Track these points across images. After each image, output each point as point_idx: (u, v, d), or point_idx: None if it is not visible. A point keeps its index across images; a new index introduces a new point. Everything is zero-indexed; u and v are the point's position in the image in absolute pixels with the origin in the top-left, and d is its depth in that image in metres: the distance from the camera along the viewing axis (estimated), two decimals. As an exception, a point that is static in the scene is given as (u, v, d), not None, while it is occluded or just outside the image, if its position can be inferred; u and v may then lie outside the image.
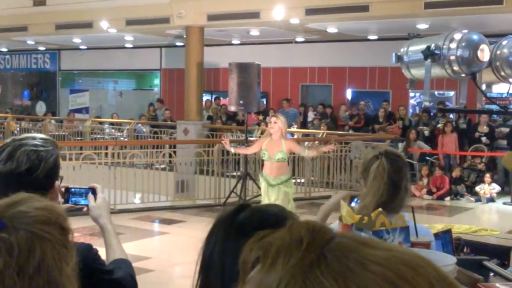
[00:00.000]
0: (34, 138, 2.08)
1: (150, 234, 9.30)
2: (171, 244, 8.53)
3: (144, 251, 7.69)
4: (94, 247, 2.07)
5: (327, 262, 0.67)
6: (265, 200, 7.73)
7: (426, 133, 13.80)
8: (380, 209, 2.21)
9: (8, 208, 1.23)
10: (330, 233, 0.72)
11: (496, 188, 11.74)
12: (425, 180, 12.19)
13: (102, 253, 2.15)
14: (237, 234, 1.33)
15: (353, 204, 2.84)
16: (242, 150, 9.13)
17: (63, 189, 2.23)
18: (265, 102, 17.72)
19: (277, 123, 7.63)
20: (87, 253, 2.00)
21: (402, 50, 3.06)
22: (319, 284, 0.65)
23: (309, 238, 0.70)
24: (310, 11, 12.54)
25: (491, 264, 2.83)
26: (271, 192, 7.74)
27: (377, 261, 0.66)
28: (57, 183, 2.12)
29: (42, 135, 2.15)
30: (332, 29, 14.48)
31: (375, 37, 15.93)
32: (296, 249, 0.69)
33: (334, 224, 2.56)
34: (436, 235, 2.85)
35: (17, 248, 1.17)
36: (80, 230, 7.98)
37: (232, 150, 8.85)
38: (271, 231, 0.75)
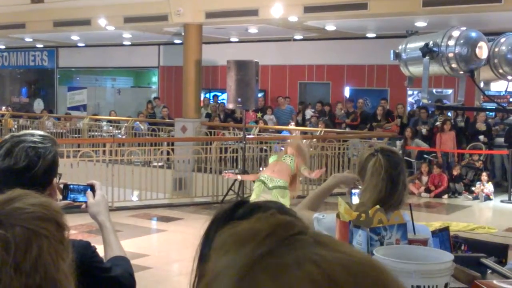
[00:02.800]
0: (32, 135, 2.08)
1: (148, 231, 9.30)
2: (169, 241, 8.52)
3: (142, 249, 7.68)
4: (92, 244, 2.07)
5: (273, 257, 0.66)
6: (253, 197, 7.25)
7: (424, 131, 13.80)
8: (377, 206, 2.21)
9: (4, 204, 1.23)
10: (296, 229, 0.71)
11: (489, 188, 11.69)
12: (425, 178, 12.17)
13: (100, 250, 2.14)
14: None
15: (353, 198, 2.83)
16: (251, 177, 8.58)
17: (61, 186, 2.23)
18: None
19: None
20: (85, 251, 1.99)
21: (400, 47, 3.06)
22: (253, 278, 0.65)
23: (268, 231, 0.70)
24: (309, 9, 12.54)
25: (489, 262, 2.83)
26: (264, 194, 7.25)
27: (317, 261, 0.65)
28: (55, 180, 2.12)
29: (41, 132, 2.15)
30: (330, 27, 14.47)
31: (374, 35, 15.92)
32: (251, 240, 0.69)
33: (329, 217, 2.55)
34: (434, 233, 2.85)
35: (13, 244, 1.16)
36: (78, 227, 7.98)
37: (239, 177, 8.94)
38: (246, 222, 0.74)
